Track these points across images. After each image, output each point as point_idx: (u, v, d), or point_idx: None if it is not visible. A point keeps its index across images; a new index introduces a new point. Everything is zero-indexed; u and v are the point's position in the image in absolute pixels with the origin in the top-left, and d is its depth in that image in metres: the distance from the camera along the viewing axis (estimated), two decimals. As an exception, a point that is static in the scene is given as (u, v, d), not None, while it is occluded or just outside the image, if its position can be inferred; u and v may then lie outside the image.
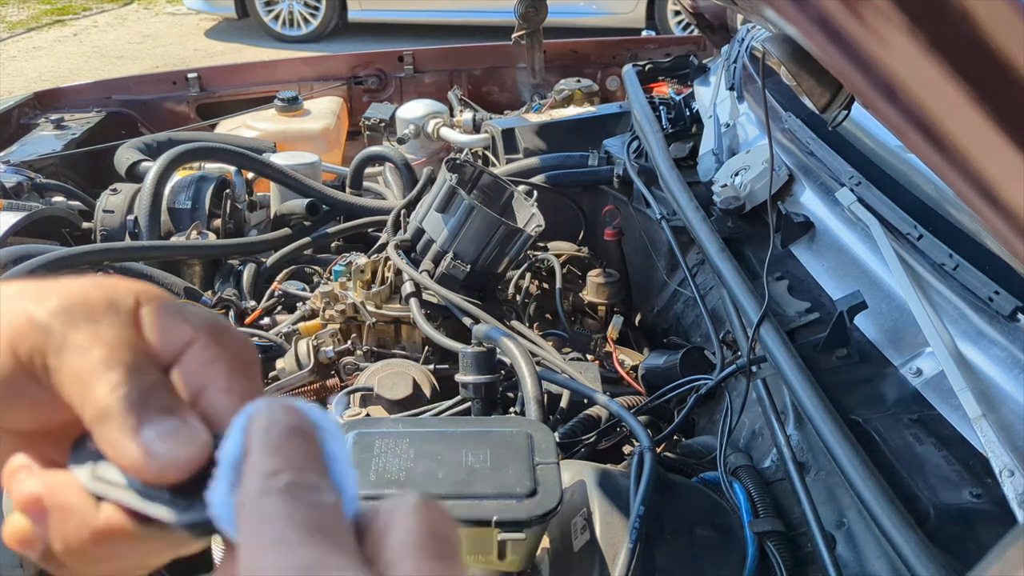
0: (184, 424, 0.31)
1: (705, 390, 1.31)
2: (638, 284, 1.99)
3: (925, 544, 0.82)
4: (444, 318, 1.57)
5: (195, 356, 0.33)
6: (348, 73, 3.08)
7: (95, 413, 0.31)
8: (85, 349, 0.31)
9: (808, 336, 1.25)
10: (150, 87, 2.90)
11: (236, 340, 0.35)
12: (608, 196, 2.07)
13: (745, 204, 1.61)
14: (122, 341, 0.32)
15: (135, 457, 0.30)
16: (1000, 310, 1.04)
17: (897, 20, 0.49)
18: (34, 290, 0.33)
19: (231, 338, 0.35)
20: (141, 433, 0.30)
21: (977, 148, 0.53)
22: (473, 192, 1.75)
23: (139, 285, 0.34)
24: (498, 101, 3.13)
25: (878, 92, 0.58)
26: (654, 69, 2.49)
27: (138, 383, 0.31)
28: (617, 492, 1.03)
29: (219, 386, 0.33)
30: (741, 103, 1.94)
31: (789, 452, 1.05)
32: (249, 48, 7.73)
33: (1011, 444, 0.91)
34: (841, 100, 1.17)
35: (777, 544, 0.98)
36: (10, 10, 9.27)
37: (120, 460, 0.31)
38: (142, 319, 0.33)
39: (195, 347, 0.33)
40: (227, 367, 0.33)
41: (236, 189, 2.06)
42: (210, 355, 0.33)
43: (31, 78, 6.79)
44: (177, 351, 0.33)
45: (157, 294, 0.35)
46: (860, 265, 1.32)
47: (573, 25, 6.82)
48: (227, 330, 0.35)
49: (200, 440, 0.31)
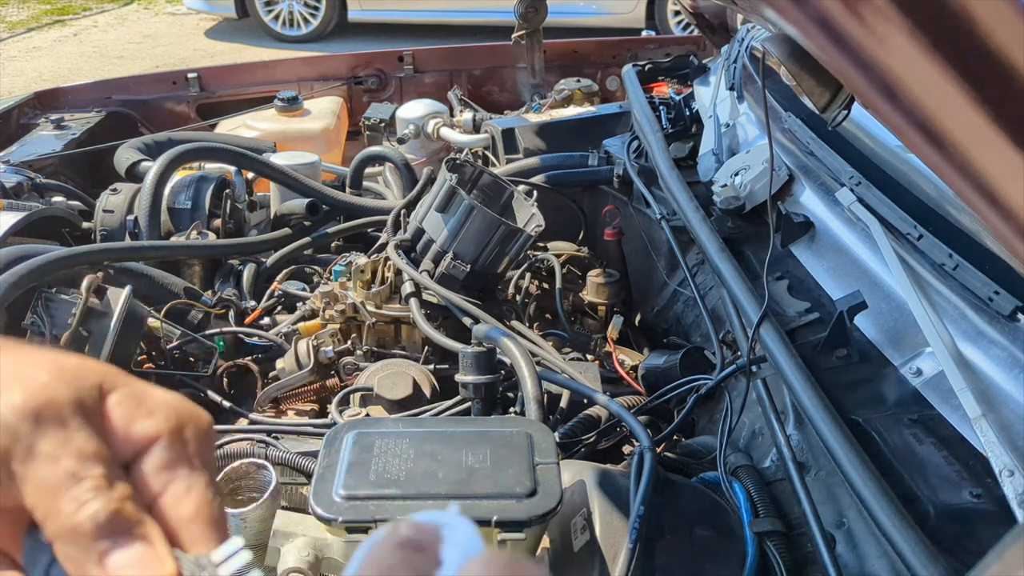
0: (150, 550, 0.31)
1: (705, 390, 1.31)
2: (638, 284, 1.99)
3: (925, 544, 0.82)
4: (444, 318, 1.57)
5: (158, 456, 0.33)
6: (348, 73, 3.08)
7: (61, 531, 0.30)
8: (54, 459, 0.31)
9: (808, 336, 1.25)
10: (150, 87, 2.90)
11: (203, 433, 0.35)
12: (608, 196, 2.07)
13: (745, 204, 1.61)
14: (90, 451, 0.31)
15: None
16: (1000, 310, 1.04)
17: (897, 20, 0.49)
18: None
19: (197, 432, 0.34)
20: (108, 560, 0.30)
21: (977, 148, 0.53)
22: (473, 192, 1.75)
23: (103, 370, 0.34)
24: (498, 101, 3.13)
25: (878, 92, 0.58)
26: (654, 69, 2.49)
27: (107, 502, 0.30)
28: (617, 492, 1.03)
29: (177, 491, 0.33)
30: (741, 103, 1.94)
31: (789, 452, 1.05)
32: (249, 48, 7.73)
33: (1011, 444, 0.91)
34: (841, 100, 1.17)
35: (777, 544, 0.98)
36: (10, 10, 9.27)
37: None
38: (108, 411, 0.33)
39: (159, 446, 0.33)
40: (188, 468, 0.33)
41: (236, 189, 2.06)
42: (172, 455, 0.33)
43: (31, 78, 6.79)
44: (141, 447, 0.33)
45: (122, 381, 0.34)
46: (860, 265, 1.32)
47: (573, 25, 6.82)
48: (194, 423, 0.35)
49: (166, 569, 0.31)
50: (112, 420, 0.33)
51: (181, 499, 0.33)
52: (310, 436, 1.36)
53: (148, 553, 0.30)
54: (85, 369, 0.34)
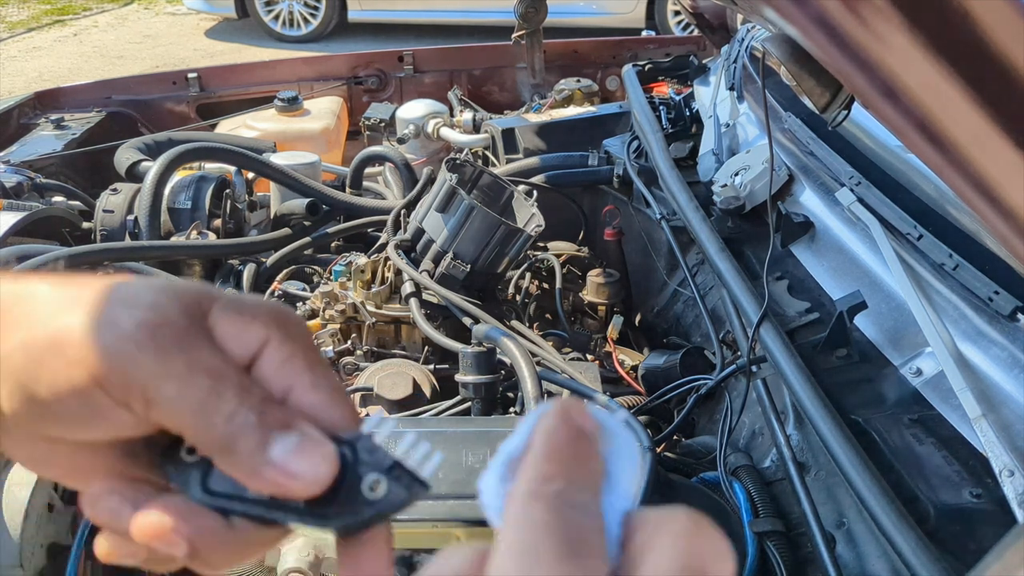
0: (306, 437, 0.31)
1: (705, 390, 1.31)
2: (638, 284, 1.98)
3: (925, 544, 0.82)
4: (444, 318, 1.57)
5: (273, 356, 0.33)
6: (348, 73, 3.08)
7: (219, 445, 0.31)
8: (189, 379, 0.31)
9: (808, 336, 1.25)
10: (150, 87, 2.90)
11: (304, 330, 0.35)
12: (608, 196, 2.07)
13: (745, 204, 1.61)
14: (219, 364, 0.32)
15: (274, 480, 0.31)
16: (1000, 310, 1.04)
17: (897, 20, 0.49)
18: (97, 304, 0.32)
19: (299, 329, 0.35)
20: (270, 456, 0.31)
21: (977, 148, 0.53)
22: (473, 192, 1.75)
23: (196, 288, 0.34)
24: (498, 101, 3.13)
25: (878, 92, 0.58)
26: (654, 69, 2.49)
27: (251, 405, 0.31)
28: (617, 492, 1.03)
29: (305, 384, 0.33)
30: (741, 103, 1.94)
31: (789, 452, 1.05)
32: (249, 48, 7.73)
33: (1011, 444, 0.91)
34: (841, 100, 1.17)
35: (777, 544, 0.98)
36: (10, 10, 9.27)
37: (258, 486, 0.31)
38: (213, 327, 0.33)
39: (271, 346, 0.33)
40: (306, 362, 0.34)
41: (236, 189, 2.06)
42: (287, 353, 0.33)
43: (31, 78, 6.79)
44: (254, 353, 0.33)
45: (215, 294, 0.34)
46: (860, 265, 1.32)
47: (573, 25, 6.82)
48: (293, 321, 0.35)
49: (329, 451, 0.31)
50: (219, 333, 0.33)
51: (310, 390, 0.33)
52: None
53: (305, 439, 0.31)
54: (180, 288, 0.34)
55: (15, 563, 1.09)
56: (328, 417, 0.33)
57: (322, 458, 0.31)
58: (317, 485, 0.31)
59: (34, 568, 1.11)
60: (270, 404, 0.32)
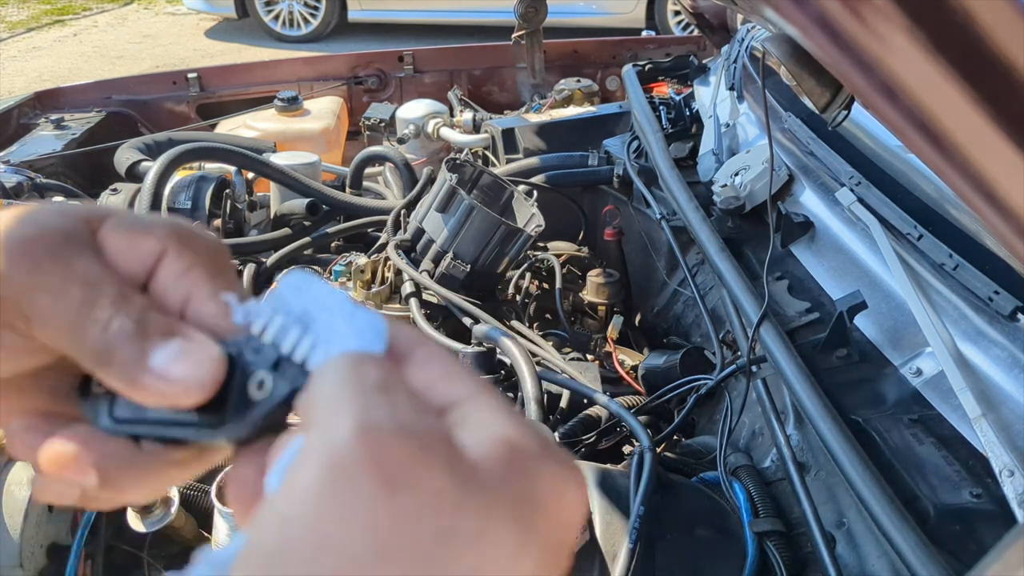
0: (190, 342, 0.30)
1: (705, 390, 1.31)
2: (638, 284, 1.98)
3: (925, 544, 0.82)
4: (444, 318, 1.58)
5: (169, 268, 0.32)
6: (348, 73, 3.08)
7: (95, 356, 0.30)
8: (61, 290, 0.29)
9: (808, 336, 1.25)
10: (150, 87, 2.90)
11: (206, 241, 0.33)
12: (608, 196, 2.07)
13: (745, 204, 1.61)
14: (96, 273, 0.30)
15: (154, 389, 0.29)
16: (1000, 310, 1.04)
17: (897, 20, 0.49)
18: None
19: (199, 241, 0.33)
20: (151, 364, 0.29)
21: (977, 148, 0.53)
22: (473, 192, 1.75)
23: (89, 206, 0.32)
24: (498, 101, 3.13)
25: (878, 92, 0.58)
26: (654, 69, 2.49)
27: (128, 312, 0.30)
28: (617, 492, 1.03)
29: (203, 294, 0.31)
30: (741, 103, 1.94)
31: (789, 452, 1.05)
32: (249, 48, 7.73)
33: (1011, 444, 0.91)
34: (841, 100, 1.17)
35: (777, 544, 0.98)
36: (10, 10, 9.27)
37: (138, 396, 0.30)
38: (103, 243, 0.31)
39: (167, 259, 0.32)
40: (205, 272, 0.32)
41: (236, 189, 2.06)
42: (184, 264, 0.32)
43: (31, 78, 6.79)
44: (149, 267, 0.32)
45: (110, 212, 0.32)
46: (860, 265, 1.32)
47: (573, 25, 6.82)
48: (194, 233, 0.33)
49: (212, 353, 0.30)
50: (110, 249, 0.31)
51: (208, 300, 0.31)
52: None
53: (188, 344, 0.30)
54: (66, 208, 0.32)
55: (15, 563, 1.09)
56: (226, 325, 0.31)
57: (204, 361, 0.29)
58: (200, 390, 0.29)
59: (34, 568, 1.11)
60: (152, 312, 0.30)
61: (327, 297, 0.30)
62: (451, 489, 0.24)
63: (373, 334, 0.29)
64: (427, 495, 0.23)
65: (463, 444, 0.25)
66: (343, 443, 0.24)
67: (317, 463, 0.24)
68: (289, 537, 0.23)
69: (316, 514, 0.23)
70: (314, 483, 0.24)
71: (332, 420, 0.25)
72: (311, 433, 0.25)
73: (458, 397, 0.27)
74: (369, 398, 0.25)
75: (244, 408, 0.30)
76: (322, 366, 0.27)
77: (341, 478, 0.23)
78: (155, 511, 1.17)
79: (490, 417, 0.26)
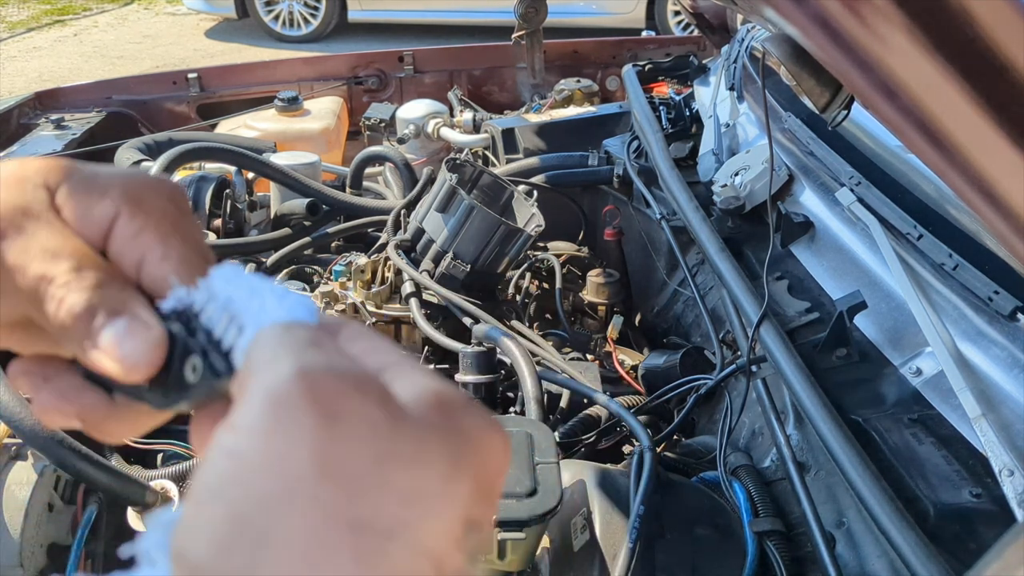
0: (135, 321, 0.31)
1: (705, 390, 1.31)
2: (638, 284, 1.99)
3: (925, 544, 0.82)
4: (444, 318, 1.58)
5: (122, 231, 0.33)
6: (348, 73, 3.08)
7: (55, 330, 0.32)
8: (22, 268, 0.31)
9: (808, 336, 1.25)
10: (150, 87, 2.90)
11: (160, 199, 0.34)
12: (608, 196, 2.07)
13: (745, 204, 1.61)
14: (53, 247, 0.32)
15: (102, 365, 0.31)
16: (1000, 310, 1.04)
17: (897, 20, 0.49)
18: None
19: (154, 198, 0.34)
20: (99, 342, 0.31)
21: (977, 148, 0.53)
22: (473, 192, 1.75)
23: (44, 167, 0.34)
24: (498, 101, 3.13)
25: (878, 92, 0.58)
26: (654, 69, 2.49)
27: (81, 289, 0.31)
28: (617, 492, 1.03)
29: (155, 256, 0.33)
30: (741, 103, 1.94)
31: (789, 452, 1.05)
32: (249, 48, 7.72)
33: (1011, 444, 0.91)
34: (841, 100, 1.17)
35: (777, 544, 0.98)
36: (10, 10, 9.27)
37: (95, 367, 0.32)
38: (61, 207, 0.33)
39: (120, 221, 0.33)
40: (157, 234, 0.33)
41: (236, 189, 2.06)
42: (137, 225, 0.33)
43: (31, 78, 6.79)
44: (104, 229, 0.33)
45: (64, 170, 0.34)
46: (860, 265, 1.32)
47: (573, 25, 6.82)
48: (148, 190, 0.34)
49: (154, 335, 0.31)
50: (68, 212, 0.33)
51: (160, 262, 0.33)
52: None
53: (132, 323, 0.31)
54: (24, 173, 0.33)
55: (15, 563, 1.09)
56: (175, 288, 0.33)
57: (146, 342, 0.31)
58: (142, 369, 0.31)
59: (34, 568, 1.11)
60: (105, 288, 0.32)
61: (258, 284, 0.31)
62: (385, 420, 0.26)
63: (304, 311, 0.30)
64: (363, 424, 0.25)
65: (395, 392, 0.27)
66: (282, 382, 0.26)
67: (259, 402, 0.26)
68: (237, 465, 0.25)
69: (262, 445, 0.25)
70: (258, 418, 0.25)
71: (271, 366, 0.26)
72: (251, 381, 0.27)
73: (386, 364, 0.29)
74: (304, 349, 0.27)
75: (180, 388, 0.31)
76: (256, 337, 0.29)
77: (283, 412, 0.25)
78: (155, 511, 1.17)
79: (419, 376, 0.28)
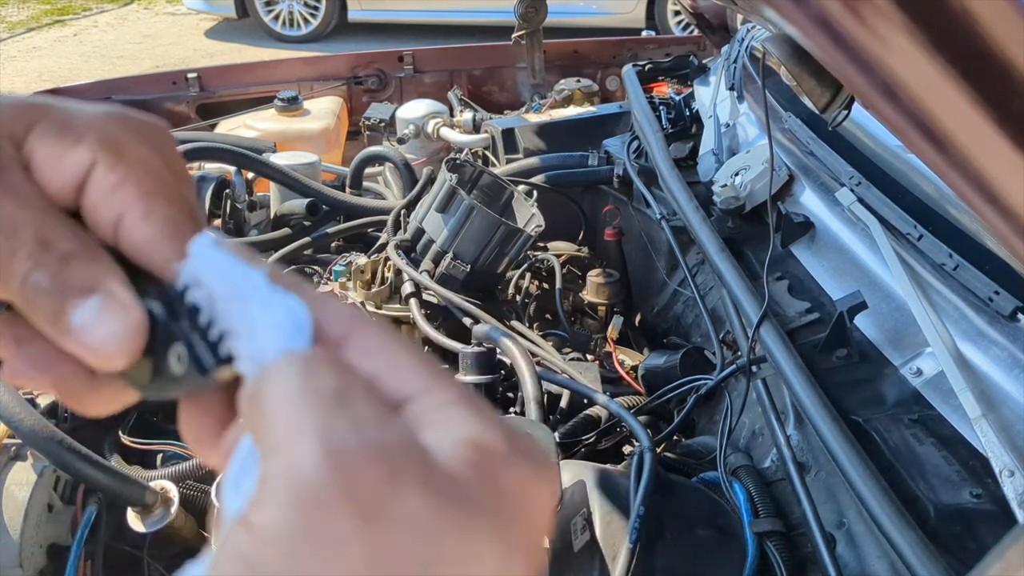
0: (108, 298, 0.27)
1: (705, 390, 1.31)
2: (638, 284, 1.98)
3: (925, 544, 0.82)
4: (444, 318, 1.57)
5: (99, 184, 0.29)
6: (348, 73, 3.08)
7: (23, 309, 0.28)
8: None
9: (808, 336, 1.25)
10: (150, 87, 2.90)
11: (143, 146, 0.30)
12: (608, 196, 2.07)
13: (745, 204, 1.61)
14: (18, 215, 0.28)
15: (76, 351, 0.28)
16: (1000, 310, 1.04)
17: (897, 20, 0.49)
18: None
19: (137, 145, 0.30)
20: (69, 323, 0.27)
21: (977, 148, 0.53)
22: (473, 192, 1.75)
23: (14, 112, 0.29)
24: (498, 101, 3.13)
25: (878, 92, 0.58)
26: (654, 69, 2.49)
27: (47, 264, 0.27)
28: (617, 492, 1.03)
29: (135, 214, 0.29)
30: (741, 103, 1.94)
31: (789, 452, 1.05)
32: (249, 48, 7.72)
33: (1011, 444, 0.91)
34: (841, 100, 1.17)
35: (777, 544, 0.98)
36: (10, 10, 9.27)
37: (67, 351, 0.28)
38: (30, 157, 0.29)
39: (97, 172, 0.29)
40: (138, 188, 0.29)
41: (236, 189, 2.06)
42: (116, 178, 0.29)
43: (31, 78, 6.79)
44: (78, 180, 0.29)
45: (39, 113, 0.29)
46: (860, 265, 1.32)
47: (573, 25, 6.82)
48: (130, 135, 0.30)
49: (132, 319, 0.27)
50: (37, 162, 0.29)
51: (140, 222, 0.28)
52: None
53: (107, 302, 0.27)
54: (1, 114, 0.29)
55: (15, 563, 1.09)
56: (158, 254, 0.28)
57: (122, 327, 0.27)
58: (118, 359, 0.27)
59: (34, 568, 1.11)
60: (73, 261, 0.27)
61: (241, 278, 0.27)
62: (427, 511, 0.22)
63: (294, 328, 0.26)
64: (404, 522, 0.22)
65: (430, 448, 0.24)
66: (309, 472, 0.22)
67: (283, 497, 0.22)
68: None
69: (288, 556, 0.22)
70: (283, 521, 0.22)
71: (293, 443, 0.23)
72: (272, 459, 0.23)
73: (413, 390, 0.26)
74: (329, 414, 0.23)
75: (165, 379, 0.28)
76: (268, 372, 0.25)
77: (312, 514, 0.22)
78: (155, 511, 1.17)
79: (453, 415, 0.25)
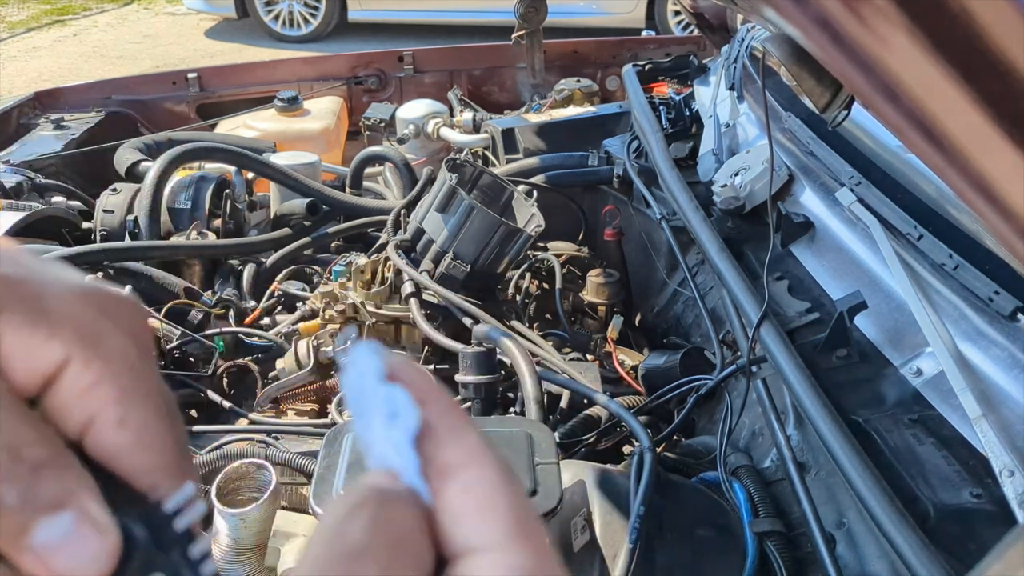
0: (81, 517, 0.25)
1: (705, 390, 1.31)
2: (638, 284, 1.98)
3: (925, 544, 0.82)
4: (444, 318, 1.57)
5: (73, 382, 0.26)
6: (348, 73, 3.08)
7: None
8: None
9: (808, 336, 1.25)
10: (150, 87, 2.90)
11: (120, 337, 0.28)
12: (608, 196, 2.07)
13: (745, 204, 1.61)
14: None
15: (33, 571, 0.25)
16: (1000, 310, 1.04)
17: (897, 20, 0.49)
18: None
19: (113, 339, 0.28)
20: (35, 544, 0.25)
21: (977, 148, 0.53)
22: (473, 192, 1.75)
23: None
24: (498, 101, 3.13)
25: (878, 92, 0.58)
26: (654, 69, 2.49)
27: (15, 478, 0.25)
28: (617, 492, 1.03)
29: (110, 418, 0.27)
30: (741, 103, 1.94)
31: (789, 452, 1.05)
32: (249, 48, 7.72)
33: (1011, 444, 0.91)
34: (841, 100, 1.17)
35: (777, 544, 0.98)
36: (10, 10, 9.27)
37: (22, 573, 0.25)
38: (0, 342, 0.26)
39: (71, 370, 0.26)
40: (115, 391, 0.27)
41: (236, 189, 2.06)
42: (91, 378, 0.27)
43: (31, 78, 6.79)
44: (48, 376, 0.26)
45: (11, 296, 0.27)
46: (860, 265, 1.32)
47: (573, 25, 6.82)
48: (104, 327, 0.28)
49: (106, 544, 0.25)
50: (6, 352, 0.26)
51: (114, 428, 0.27)
52: (310, 436, 1.36)
53: (80, 522, 0.25)
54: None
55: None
56: (132, 462, 0.27)
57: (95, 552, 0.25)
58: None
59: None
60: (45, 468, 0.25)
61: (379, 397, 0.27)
62: None
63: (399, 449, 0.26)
64: None
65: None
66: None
67: None
68: None
69: None
70: None
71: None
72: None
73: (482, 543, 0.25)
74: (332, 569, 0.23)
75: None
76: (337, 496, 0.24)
77: None
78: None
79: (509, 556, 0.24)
